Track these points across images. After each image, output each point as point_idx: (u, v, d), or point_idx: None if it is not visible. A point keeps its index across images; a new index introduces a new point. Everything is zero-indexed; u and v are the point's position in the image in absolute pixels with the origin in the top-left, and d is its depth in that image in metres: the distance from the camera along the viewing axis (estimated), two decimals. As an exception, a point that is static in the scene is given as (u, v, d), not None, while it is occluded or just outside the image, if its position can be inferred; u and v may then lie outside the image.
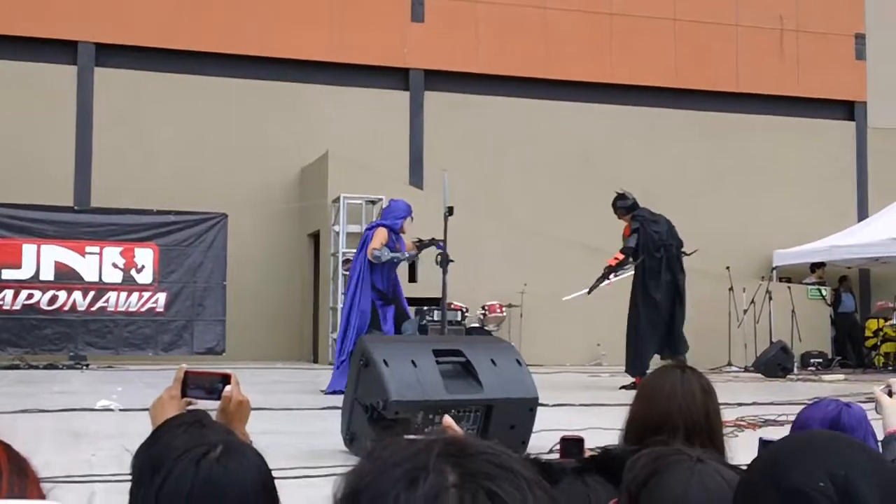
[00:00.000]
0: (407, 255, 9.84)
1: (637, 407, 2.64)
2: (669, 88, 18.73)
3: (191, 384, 2.10)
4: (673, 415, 2.46)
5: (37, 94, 15.99)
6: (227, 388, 2.09)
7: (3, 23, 15.79)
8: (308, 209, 16.44)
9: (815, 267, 17.66)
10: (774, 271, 17.92)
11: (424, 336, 9.18)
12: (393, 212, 10.17)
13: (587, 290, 11.39)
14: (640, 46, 18.59)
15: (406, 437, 1.07)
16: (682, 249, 11.36)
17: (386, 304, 9.87)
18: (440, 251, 9.31)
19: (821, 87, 19.44)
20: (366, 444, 5.31)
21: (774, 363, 13.77)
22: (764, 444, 1.89)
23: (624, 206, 11.21)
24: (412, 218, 10.08)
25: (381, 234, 9.73)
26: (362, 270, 9.77)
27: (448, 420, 1.96)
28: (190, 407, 2.13)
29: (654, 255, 11.01)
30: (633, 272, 11.13)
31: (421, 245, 10.12)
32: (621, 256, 10.93)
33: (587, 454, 2.58)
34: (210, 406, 2.06)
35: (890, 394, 1.99)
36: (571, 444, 2.32)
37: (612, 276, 11.00)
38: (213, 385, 2.10)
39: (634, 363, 10.92)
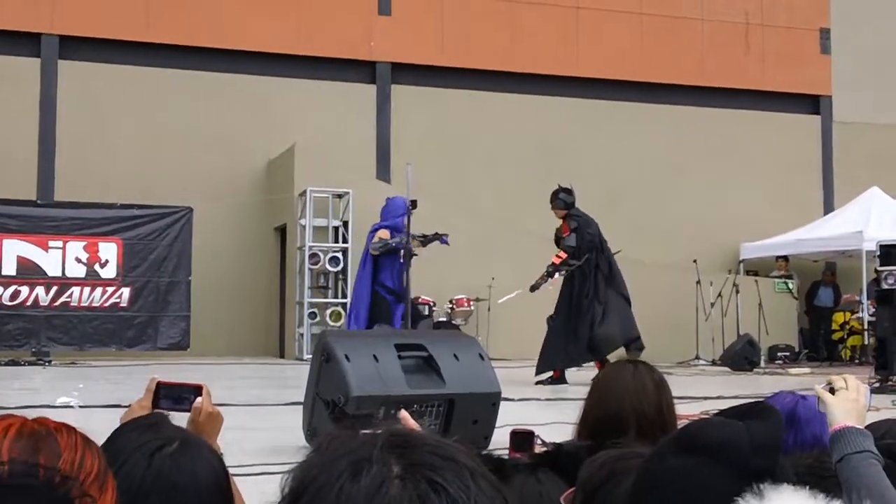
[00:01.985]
0: (400, 242, 9.90)
1: (590, 403, 2.64)
2: (635, 82, 18.79)
3: (162, 395, 2.09)
4: (625, 410, 2.46)
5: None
6: (199, 399, 2.09)
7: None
8: (274, 203, 16.35)
9: (780, 259, 17.82)
10: (741, 264, 18.04)
11: (386, 330, 9.16)
12: (392, 211, 10.36)
13: (527, 289, 11.32)
14: (606, 40, 18.63)
15: (356, 430, 1.07)
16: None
17: (397, 302, 10.00)
18: (444, 244, 9.53)
19: (786, 80, 19.58)
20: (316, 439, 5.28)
21: (741, 356, 13.87)
22: None
23: (566, 200, 11.08)
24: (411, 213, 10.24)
25: (383, 235, 9.98)
26: (365, 270, 10.07)
27: (404, 414, 1.95)
28: None
29: (587, 257, 10.93)
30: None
31: (425, 240, 10.24)
32: (564, 255, 10.86)
33: (537, 446, 2.57)
34: (182, 417, 2.05)
35: (832, 391, 1.99)
36: (521, 438, 2.32)
37: (556, 274, 10.97)
38: (185, 396, 2.10)
39: (542, 363, 10.84)
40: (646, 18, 18.91)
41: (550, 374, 10.60)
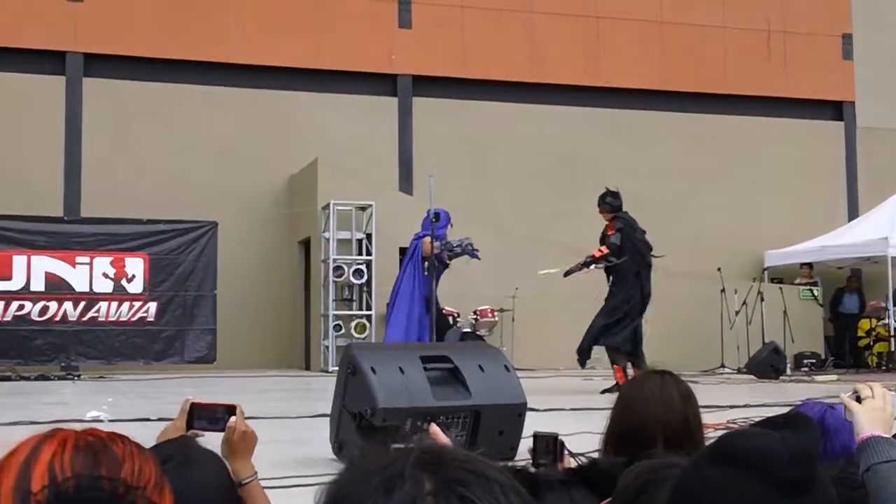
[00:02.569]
0: (463, 247, 10.10)
1: (616, 414, 2.64)
2: (657, 91, 18.79)
3: (196, 415, 2.13)
4: (650, 421, 2.46)
5: (25, 105, 15.98)
6: (232, 419, 2.12)
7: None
8: (298, 216, 16.46)
9: (804, 267, 17.72)
10: (766, 272, 17.96)
11: (412, 343, 9.19)
12: (439, 222, 10.48)
13: (564, 271, 11.48)
14: (627, 49, 18.64)
15: (388, 445, 1.09)
16: (653, 254, 11.48)
17: (427, 312, 10.09)
18: (475, 258, 9.61)
19: (809, 87, 19.51)
20: (349, 453, 5.32)
21: (767, 364, 13.80)
22: None
23: (613, 203, 11.31)
24: (451, 225, 10.46)
25: (428, 241, 10.13)
26: (409, 280, 10.11)
27: (434, 429, 1.97)
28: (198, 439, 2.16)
29: (633, 259, 11.13)
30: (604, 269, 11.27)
31: (453, 253, 10.37)
32: (605, 251, 11.04)
33: (567, 458, 2.58)
34: (217, 437, 2.07)
35: (858, 399, 2.00)
36: (545, 442, 2.33)
37: (592, 265, 11.15)
38: (218, 416, 2.13)
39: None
40: (667, 27, 18.90)
41: (616, 382, 10.66)
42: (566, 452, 2.57)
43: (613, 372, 10.87)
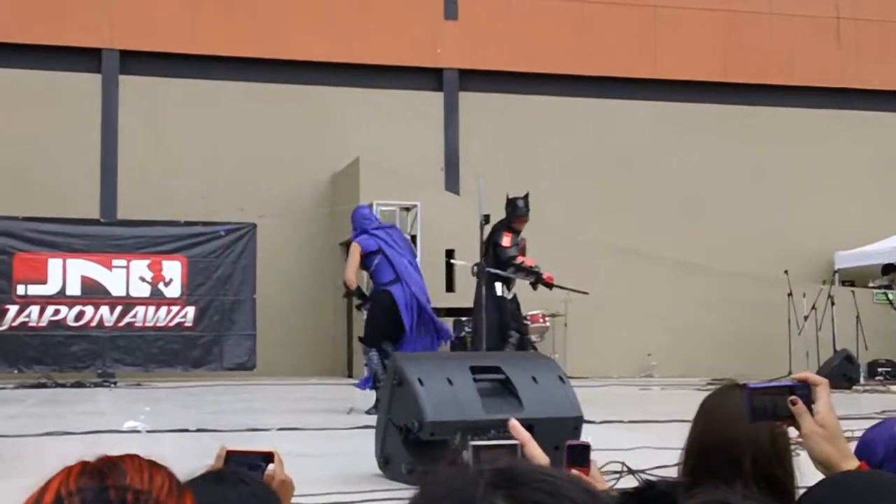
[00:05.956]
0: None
1: (698, 429, 2.55)
2: (717, 83, 18.56)
3: (232, 463, 2.10)
4: (738, 440, 2.37)
5: (61, 104, 16.19)
6: (270, 466, 2.10)
7: (26, 31, 16.00)
8: (340, 217, 16.47)
9: (889, 269, 17.30)
10: (836, 274, 17.65)
11: (461, 353, 9.13)
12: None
13: (472, 265, 11.45)
14: (687, 39, 18.44)
15: (461, 465, 1.06)
16: None
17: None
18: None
19: (881, 77, 19.15)
20: (401, 469, 5.28)
21: (839, 373, 13.55)
22: None
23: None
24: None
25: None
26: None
27: (514, 423, 1.90)
28: None
29: None
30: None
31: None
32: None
33: (593, 464, 2.50)
34: None
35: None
36: (577, 452, 2.27)
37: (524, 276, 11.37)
38: (255, 464, 2.10)
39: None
40: (730, 15, 18.66)
41: None
42: (624, 469, 2.52)
43: None
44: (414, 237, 15.55)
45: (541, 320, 15.48)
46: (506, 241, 11.30)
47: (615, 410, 9.20)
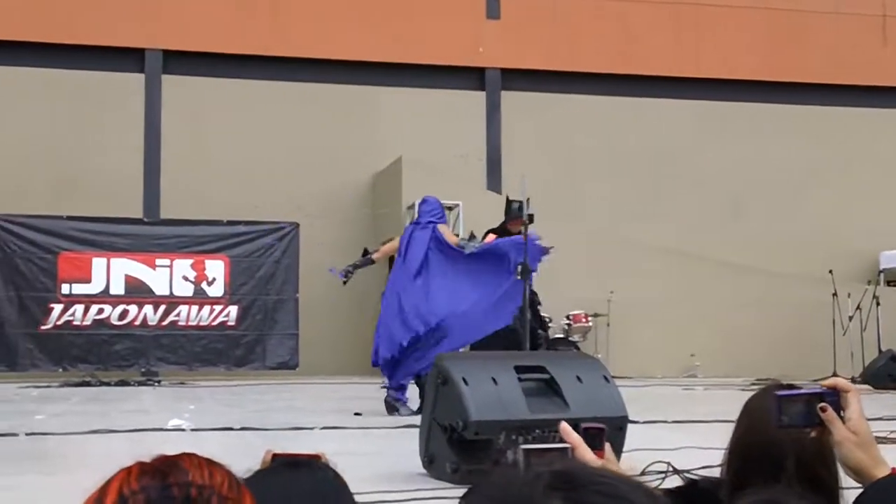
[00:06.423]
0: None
1: (741, 429, 2.54)
2: (760, 81, 18.39)
3: None
4: (782, 440, 2.36)
5: (104, 104, 16.37)
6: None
7: (69, 32, 16.19)
8: (382, 217, 16.52)
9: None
10: (882, 274, 17.44)
11: (506, 352, 9.07)
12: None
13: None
14: (729, 37, 18.28)
15: (510, 465, 1.05)
16: None
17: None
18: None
19: (928, 75, 18.89)
20: (445, 468, 5.27)
21: (884, 373, 13.39)
22: None
23: None
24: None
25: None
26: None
27: (565, 426, 1.89)
28: None
29: None
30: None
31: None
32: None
33: (608, 449, 2.48)
34: None
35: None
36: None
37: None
38: None
39: None
40: (773, 14, 18.48)
41: None
42: (669, 469, 2.50)
43: None
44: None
45: (583, 320, 15.44)
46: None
47: (659, 410, 9.14)
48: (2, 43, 15.97)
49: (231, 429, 7.84)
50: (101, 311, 14.62)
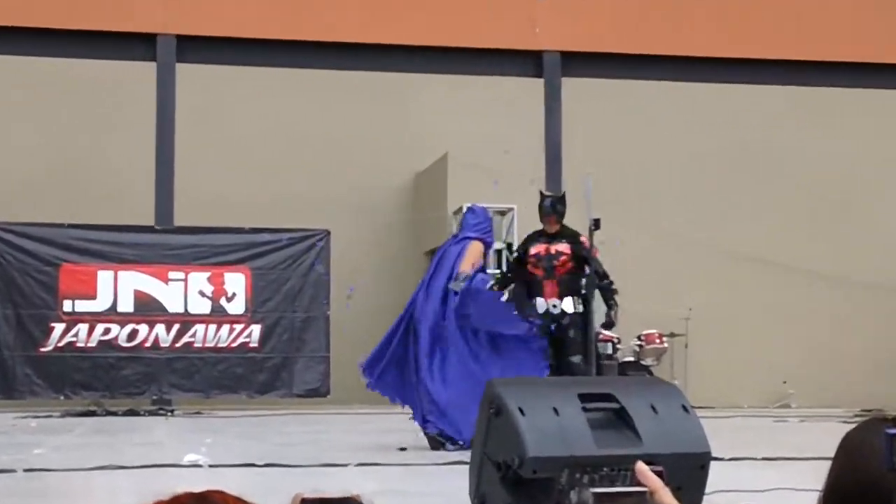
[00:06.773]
0: None
1: (839, 466, 2.52)
2: (868, 63, 18.15)
3: None
4: (886, 477, 2.34)
5: (111, 96, 16.51)
6: None
7: (71, 16, 16.32)
8: (425, 222, 16.55)
9: None
10: None
11: (568, 378, 9.04)
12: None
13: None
14: (834, 16, 18.04)
15: None
16: None
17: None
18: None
19: None
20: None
21: None
22: None
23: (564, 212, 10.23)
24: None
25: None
26: None
27: (642, 467, 1.87)
28: None
29: None
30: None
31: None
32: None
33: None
34: None
35: None
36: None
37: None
38: None
39: None
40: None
41: None
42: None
43: None
44: (510, 245, 15.54)
45: (657, 341, 15.36)
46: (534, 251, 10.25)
47: (746, 446, 9.08)
48: (-4, 29, 16.19)
49: (253, 465, 7.88)
50: (107, 331, 14.75)
